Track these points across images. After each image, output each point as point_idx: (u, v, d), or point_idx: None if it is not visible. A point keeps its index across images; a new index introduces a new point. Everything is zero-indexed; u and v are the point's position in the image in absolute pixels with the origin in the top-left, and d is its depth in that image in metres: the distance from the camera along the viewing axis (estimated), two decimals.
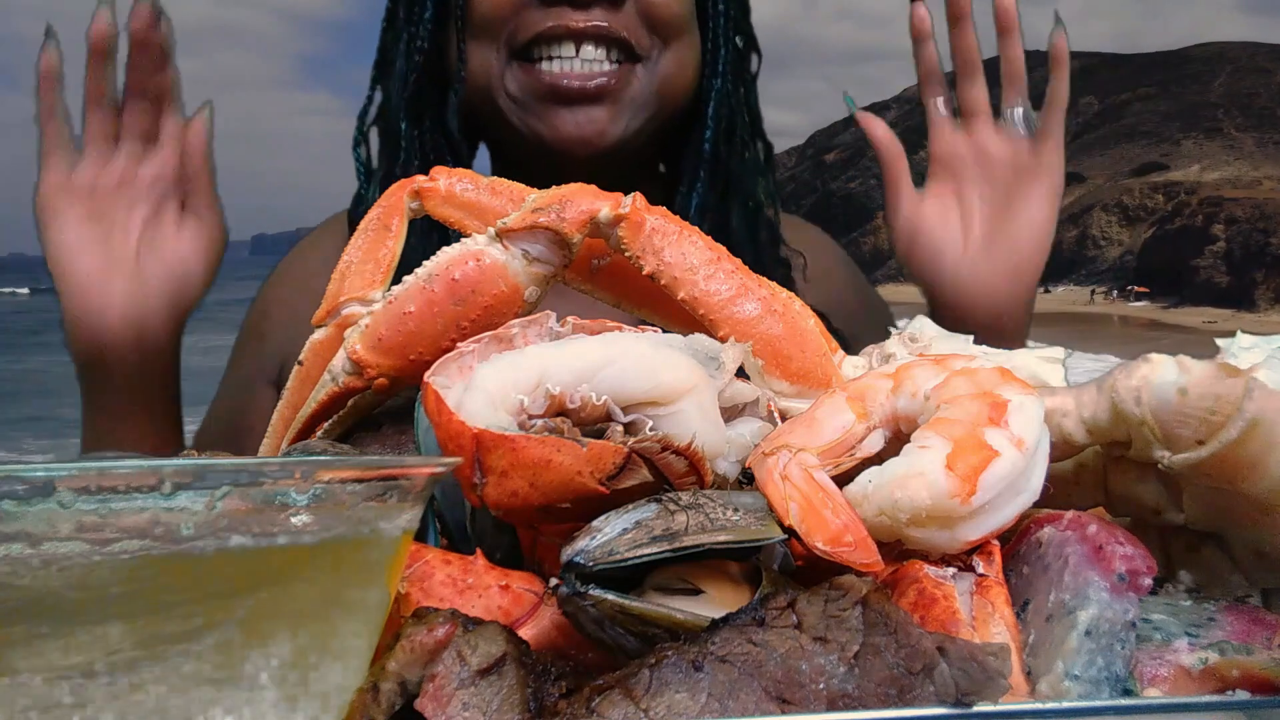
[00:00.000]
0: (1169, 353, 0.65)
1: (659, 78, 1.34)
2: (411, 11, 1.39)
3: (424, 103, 1.39)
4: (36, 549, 0.42)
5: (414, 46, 1.38)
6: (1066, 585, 0.60)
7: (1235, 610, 0.63)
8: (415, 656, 0.54)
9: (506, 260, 0.77)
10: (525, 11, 1.28)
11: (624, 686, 0.51)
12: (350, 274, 0.86)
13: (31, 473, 0.43)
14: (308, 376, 0.85)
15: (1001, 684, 0.51)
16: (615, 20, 1.28)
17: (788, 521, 0.60)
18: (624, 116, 1.31)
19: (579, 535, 0.58)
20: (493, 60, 1.32)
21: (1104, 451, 0.68)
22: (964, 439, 0.62)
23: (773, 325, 0.78)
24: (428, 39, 1.37)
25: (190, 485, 0.45)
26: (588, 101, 1.29)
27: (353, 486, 0.49)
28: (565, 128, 1.29)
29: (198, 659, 0.44)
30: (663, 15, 1.31)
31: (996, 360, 0.74)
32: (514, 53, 1.30)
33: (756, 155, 1.50)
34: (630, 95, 1.32)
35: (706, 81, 1.42)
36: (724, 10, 1.42)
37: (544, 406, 0.63)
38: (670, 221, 0.79)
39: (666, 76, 1.34)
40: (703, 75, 1.41)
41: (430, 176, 0.86)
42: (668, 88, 1.35)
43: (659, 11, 1.31)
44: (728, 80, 1.43)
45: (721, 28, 1.42)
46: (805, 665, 0.51)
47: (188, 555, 0.44)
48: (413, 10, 1.39)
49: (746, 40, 1.49)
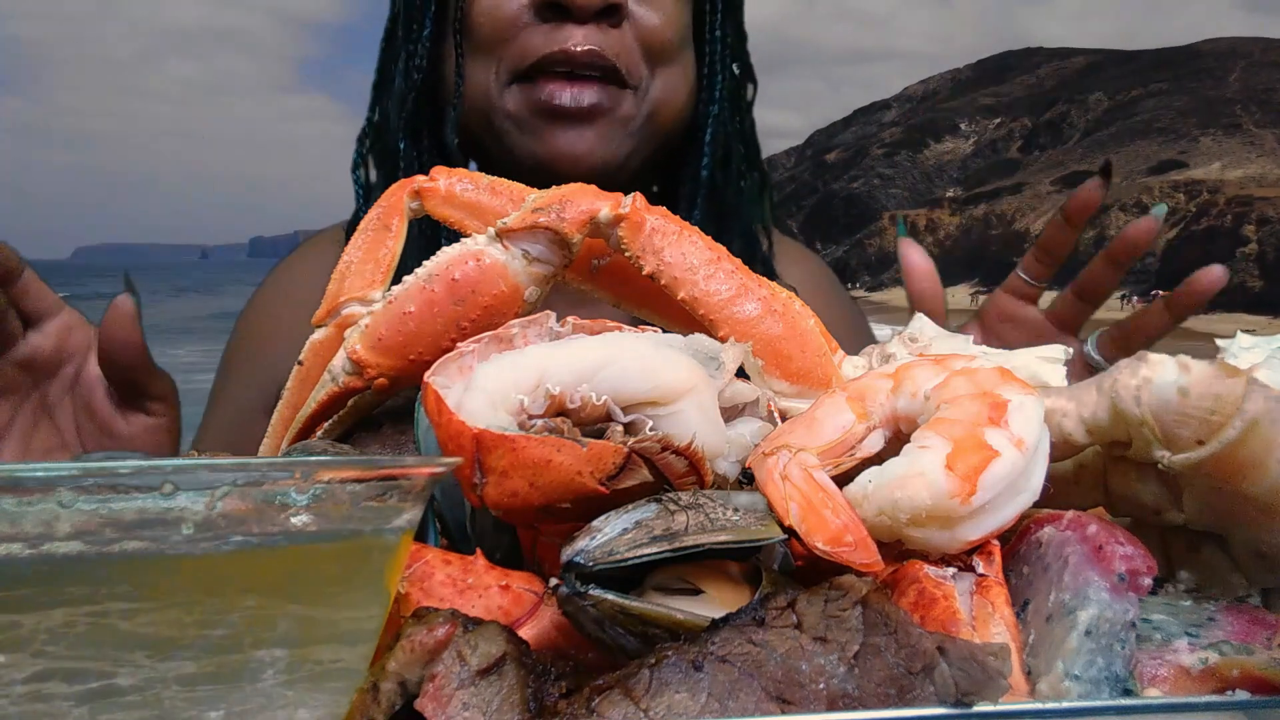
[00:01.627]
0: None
1: (650, 103, 1.35)
2: (410, 31, 1.40)
3: (421, 120, 1.40)
4: (36, 549, 0.42)
5: (412, 65, 1.39)
6: (1066, 585, 0.60)
7: (1235, 610, 0.63)
8: (415, 656, 0.54)
9: (506, 260, 0.77)
10: (526, 31, 1.29)
11: (624, 686, 0.51)
12: (350, 274, 0.86)
13: (31, 473, 0.44)
14: (308, 376, 0.85)
15: (1001, 684, 0.51)
16: (610, 43, 1.29)
17: (788, 521, 0.60)
18: (615, 139, 1.32)
19: (579, 535, 0.58)
20: (491, 79, 1.32)
21: (1104, 451, 0.68)
22: (964, 439, 0.62)
23: (773, 325, 0.78)
24: (425, 57, 1.38)
25: (190, 485, 0.45)
26: (581, 121, 1.30)
27: (353, 486, 0.49)
28: (558, 145, 1.30)
29: (198, 659, 0.44)
30: (658, 39, 1.32)
31: (996, 360, 0.74)
32: (513, 74, 1.31)
33: (754, 184, 1.51)
34: (621, 119, 1.32)
35: (703, 108, 1.43)
36: (720, 37, 1.43)
37: (544, 406, 0.63)
38: (670, 221, 0.79)
39: (657, 102, 1.35)
40: (699, 102, 1.43)
41: (430, 176, 0.87)
42: (659, 114, 1.36)
43: (655, 33, 1.32)
44: (724, 107, 1.44)
45: (719, 54, 1.43)
46: (805, 665, 0.51)
47: (188, 555, 0.44)
48: (410, 30, 1.39)
49: (743, 68, 1.50)
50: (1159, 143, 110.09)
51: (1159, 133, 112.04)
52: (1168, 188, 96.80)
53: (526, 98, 1.30)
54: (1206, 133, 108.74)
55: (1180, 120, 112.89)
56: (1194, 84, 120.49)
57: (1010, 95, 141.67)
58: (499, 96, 1.32)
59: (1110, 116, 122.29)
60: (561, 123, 1.30)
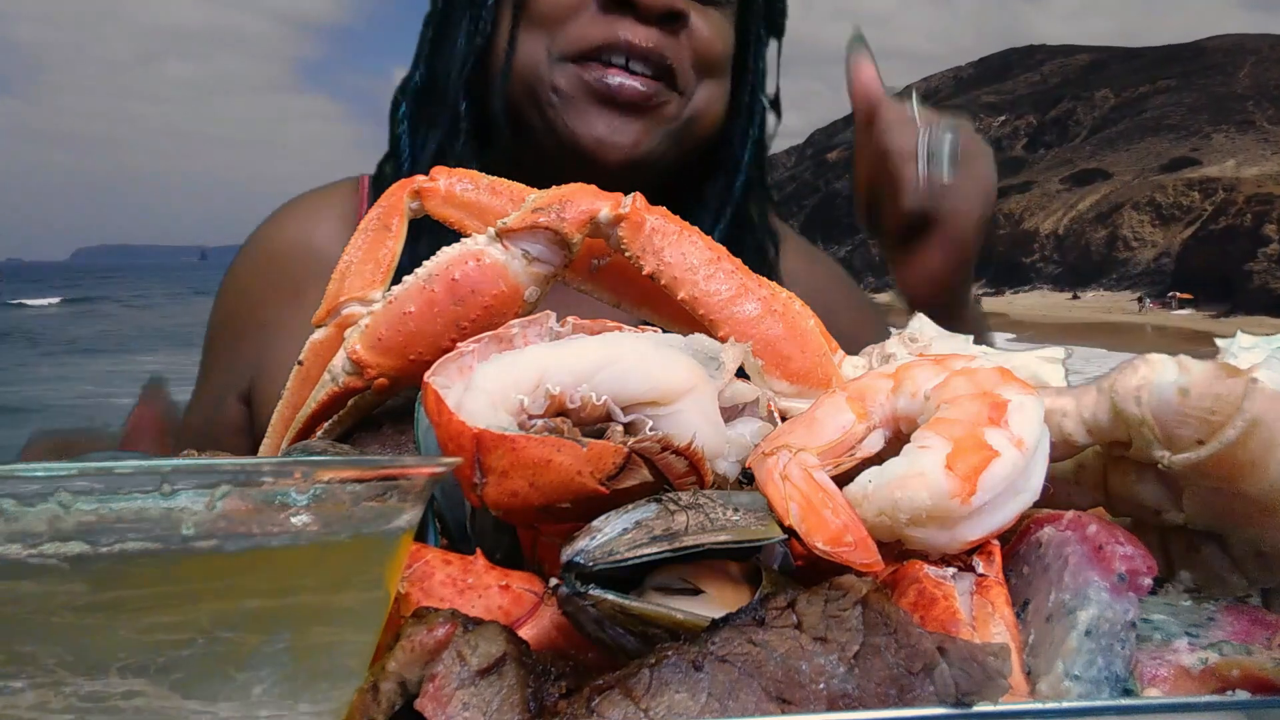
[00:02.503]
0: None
1: (692, 110, 1.38)
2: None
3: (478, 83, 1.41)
4: (36, 549, 0.42)
5: (476, 28, 1.40)
6: (1066, 585, 0.60)
7: (1235, 610, 0.63)
8: (415, 656, 0.54)
9: (506, 260, 0.77)
10: (586, 16, 1.31)
11: (624, 686, 0.51)
12: (350, 274, 0.86)
13: (31, 473, 0.43)
14: (308, 376, 0.85)
15: (1001, 684, 0.51)
16: (668, 45, 1.32)
17: (788, 521, 0.60)
18: (655, 136, 1.35)
19: (579, 535, 0.58)
20: (542, 54, 1.34)
21: (1104, 451, 0.68)
22: (964, 439, 0.62)
23: (773, 325, 0.78)
24: (491, 22, 1.39)
25: (190, 485, 0.45)
26: (629, 111, 1.32)
27: (353, 486, 0.49)
28: (602, 130, 1.32)
29: (198, 659, 0.44)
30: (711, 50, 1.36)
31: (996, 360, 0.74)
32: (567, 54, 1.32)
33: (764, 206, 1.55)
34: (665, 116, 1.35)
35: (741, 127, 1.48)
36: (756, 66, 1.48)
37: (544, 406, 0.63)
38: (670, 221, 0.79)
39: (698, 111, 1.39)
40: (731, 120, 1.47)
41: (430, 176, 0.86)
42: (697, 122, 1.40)
43: (708, 46, 1.36)
44: (759, 130, 1.49)
45: (759, 79, 1.48)
46: (805, 665, 0.51)
47: (188, 555, 0.44)
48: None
49: (773, 100, 1.55)
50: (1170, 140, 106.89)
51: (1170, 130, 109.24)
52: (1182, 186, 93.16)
53: (579, 77, 1.32)
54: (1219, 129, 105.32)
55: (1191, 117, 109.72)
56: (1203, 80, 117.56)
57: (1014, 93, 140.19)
58: (549, 70, 1.33)
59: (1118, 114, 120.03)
60: (610, 107, 1.31)
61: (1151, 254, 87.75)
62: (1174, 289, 75.22)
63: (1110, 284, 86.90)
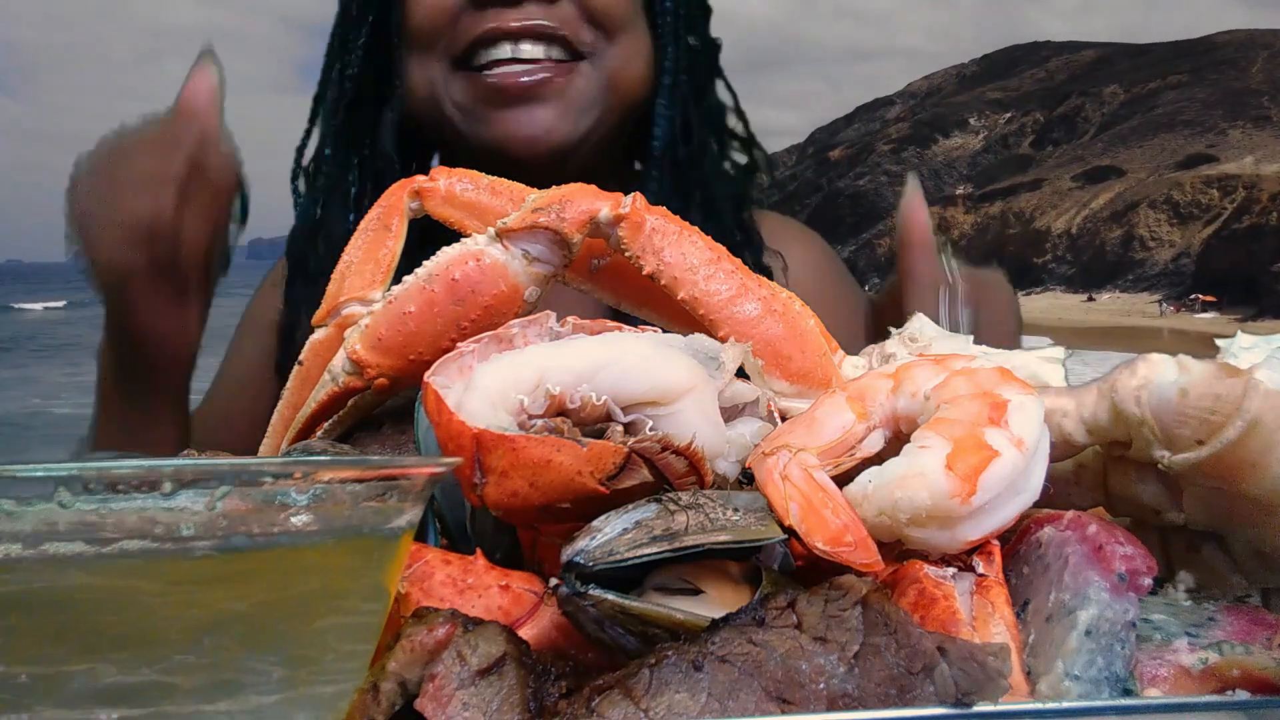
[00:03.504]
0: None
1: (606, 74, 1.32)
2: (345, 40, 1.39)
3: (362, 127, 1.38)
4: (36, 549, 0.42)
5: (345, 75, 1.38)
6: (1066, 585, 0.60)
7: (1235, 610, 0.63)
8: (415, 656, 0.54)
9: (506, 260, 0.77)
10: (460, 18, 1.27)
11: (624, 686, 0.51)
12: (350, 274, 0.86)
13: (31, 473, 0.43)
14: (308, 376, 0.85)
15: (1001, 684, 0.51)
16: (551, 16, 1.27)
17: (788, 521, 0.60)
18: (571, 115, 1.30)
19: (579, 535, 0.58)
20: (434, 71, 1.31)
21: (1104, 451, 0.68)
22: (964, 439, 0.62)
23: (773, 325, 0.78)
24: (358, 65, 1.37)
25: (190, 485, 0.45)
26: (531, 101, 1.28)
27: (353, 486, 0.49)
28: (510, 128, 1.28)
29: (197, 659, 0.44)
30: (601, 8, 1.30)
31: (996, 360, 0.74)
32: (455, 62, 1.29)
33: (716, 156, 1.47)
34: (575, 92, 1.30)
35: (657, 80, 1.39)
36: (671, 8, 1.40)
37: (544, 406, 0.63)
38: (670, 221, 0.79)
39: (614, 72, 1.32)
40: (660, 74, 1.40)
41: (430, 176, 0.87)
42: (617, 84, 1.33)
43: (597, 4, 1.29)
44: (679, 78, 1.40)
45: (669, 26, 1.39)
46: (805, 665, 0.51)
47: (188, 555, 0.44)
48: (347, 38, 1.39)
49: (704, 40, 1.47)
50: (1185, 136, 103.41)
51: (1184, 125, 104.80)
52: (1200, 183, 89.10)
53: (472, 84, 1.29)
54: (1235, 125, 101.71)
55: (1206, 113, 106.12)
56: (1215, 75, 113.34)
57: (1019, 89, 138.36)
58: (444, 87, 1.30)
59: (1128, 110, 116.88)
60: (511, 105, 1.28)
61: (1169, 254, 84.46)
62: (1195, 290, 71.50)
63: (1126, 285, 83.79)
